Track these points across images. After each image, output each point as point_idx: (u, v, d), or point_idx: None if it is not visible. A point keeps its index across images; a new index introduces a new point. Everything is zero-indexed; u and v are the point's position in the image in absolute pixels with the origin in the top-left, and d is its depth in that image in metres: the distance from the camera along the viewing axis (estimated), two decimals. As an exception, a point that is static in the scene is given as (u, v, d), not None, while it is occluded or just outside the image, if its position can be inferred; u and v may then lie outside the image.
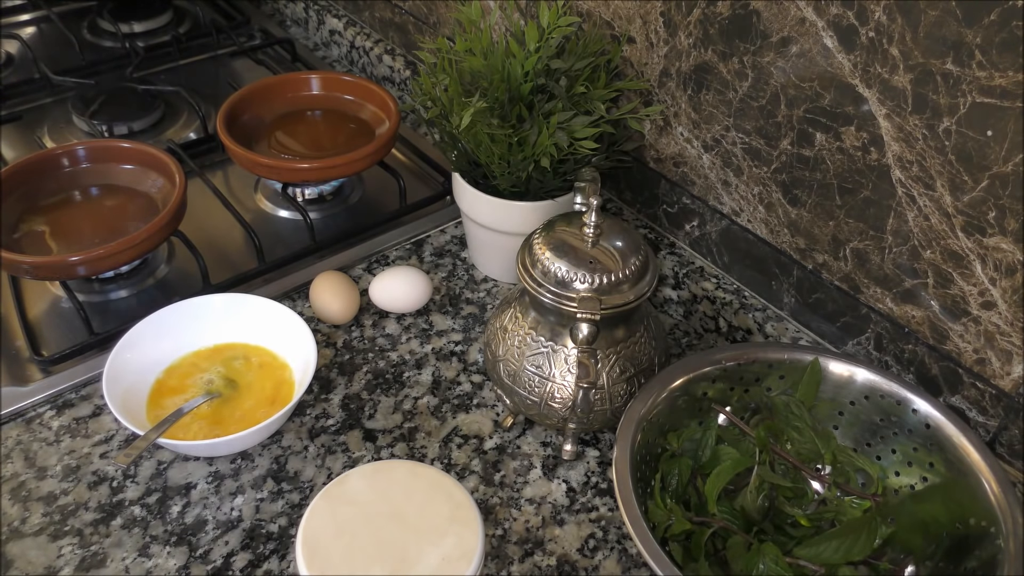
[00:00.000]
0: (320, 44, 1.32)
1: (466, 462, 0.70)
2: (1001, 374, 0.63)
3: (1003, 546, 0.52)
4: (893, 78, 0.61)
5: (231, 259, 0.88)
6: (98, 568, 0.62)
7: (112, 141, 0.91)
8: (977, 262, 0.61)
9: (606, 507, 0.67)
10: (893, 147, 0.63)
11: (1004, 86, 0.55)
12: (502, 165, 0.76)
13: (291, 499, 0.67)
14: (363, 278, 0.87)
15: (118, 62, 1.18)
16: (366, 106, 1.00)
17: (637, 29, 0.80)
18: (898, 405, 0.61)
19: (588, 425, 0.68)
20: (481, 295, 0.86)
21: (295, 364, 0.72)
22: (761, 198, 0.76)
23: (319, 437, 0.71)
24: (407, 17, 1.13)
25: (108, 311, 0.83)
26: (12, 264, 0.76)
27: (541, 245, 0.65)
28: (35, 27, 1.31)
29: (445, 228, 0.94)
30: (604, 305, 0.62)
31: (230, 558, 0.63)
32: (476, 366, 0.78)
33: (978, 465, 0.56)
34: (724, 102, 0.75)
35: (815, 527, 0.61)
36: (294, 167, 0.89)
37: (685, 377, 0.62)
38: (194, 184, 0.92)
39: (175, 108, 1.12)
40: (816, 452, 0.62)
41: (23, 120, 1.09)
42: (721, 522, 0.60)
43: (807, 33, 0.65)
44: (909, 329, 0.68)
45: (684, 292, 0.84)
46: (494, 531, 0.65)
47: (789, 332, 0.78)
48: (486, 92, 0.74)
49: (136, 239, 0.77)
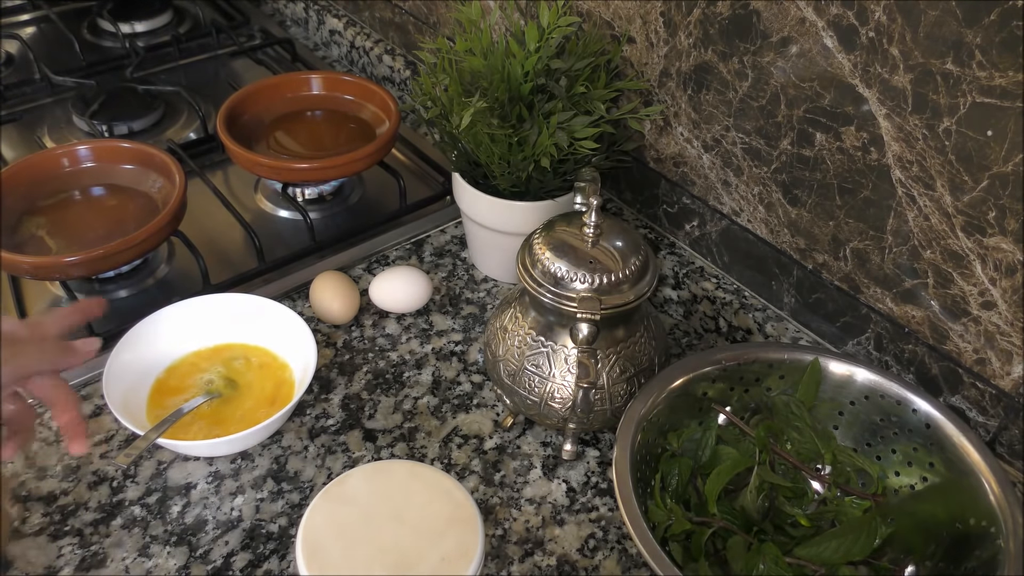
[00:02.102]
0: (320, 44, 1.32)
1: (466, 462, 0.70)
2: (1001, 374, 0.63)
3: (1003, 546, 0.52)
4: (893, 78, 0.61)
5: (231, 259, 0.88)
6: (98, 568, 0.62)
7: (112, 141, 0.91)
8: (977, 262, 0.61)
9: (606, 507, 0.67)
10: (893, 147, 0.63)
11: (1004, 86, 0.55)
12: (502, 165, 0.76)
13: (291, 499, 0.67)
14: (363, 278, 0.87)
15: (118, 62, 1.18)
16: (366, 106, 1.00)
17: (637, 29, 0.80)
18: (898, 405, 0.61)
19: (588, 425, 0.68)
20: (481, 295, 0.86)
21: (295, 364, 0.72)
22: (761, 198, 0.76)
23: (319, 437, 0.71)
24: (407, 17, 1.13)
25: (108, 311, 0.82)
26: (12, 264, 0.76)
27: (541, 245, 0.65)
28: (35, 27, 1.31)
29: (445, 228, 0.94)
30: (604, 305, 0.62)
31: (230, 558, 0.63)
32: (476, 366, 0.78)
33: (978, 465, 0.56)
34: (724, 102, 0.75)
35: (815, 527, 0.61)
36: (294, 167, 0.89)
37: (685, 377, 0.62)
38: (194, 184, 0.92)
39: (175, 108, 1.12)
40: (816, 452, 0.62)
41: (23, 120, 1.09)
42: (721, 522, 0.60)
43: (807, 33, 0.65)
44: (909, 329, 0.68)
45: (684, 292, 0.84)
46: (494, 531, 0.65)
47: (789, 332, 0.78)
48: (486, 92, 0.74)
49: (136, 239, 0.77)
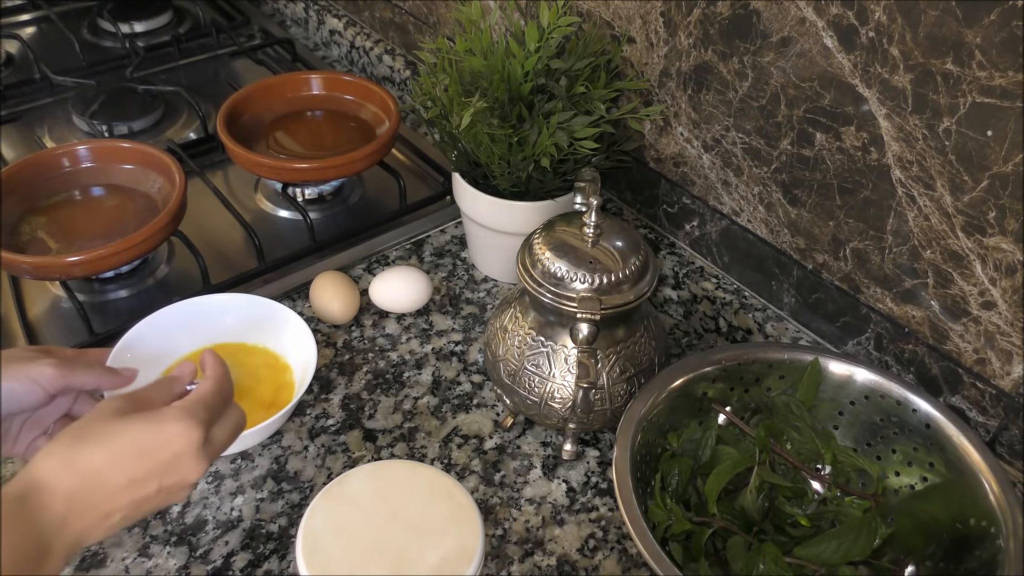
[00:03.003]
0: (320, 44, 1.32)
1: (466, 462, 0.70)
2: (1001, 374, 0.63)
3: (1003, 546, 0.52)
4: (893, 78, 0.61)
5: (231, 259, 0.88)
6: (98, 568, 0.62)
7: (112, 141, 0.91)
8: (977, 262, 0.61)
9: (606, 507, 0.67)
10: (893, 147, 0.63)
11: (1004, 86, 0.55)
12: (502, 165, 0.76)
13: (291, 499, 0.67)
14: (363, 278, 0.87)
15: (118, 62, 1.18)
16: (366, 106, 1.00)
17: (637, 29, 0.80)
18: (898, 405, 0.61)
19: (588, 425, 0.68)
20: (481, 295, 0.86)
21: (295, 364, 0.72)
22: (761, 198, 0.76)
23: (319, 437, 0.71)
24: (407, 17, 1.13)
25: (108, 311, 0.83)
26: (12, 264, 0.76)
27: (541, 245, 0.65)
28: (35, 27, 1.31)
29: (445, 228, 0.94)
30: (604, 305, 0.62)
31: (230, 558, 0.63)
32: (476, 366, 0.78)
33: (978, 465, 0.56)
34: (724, 102, 0.75)
35: (815, 527, 0.61)
36: (294, 167, 0.89)
37: (685, 377, 0.62)
38: (194, 184, 0.92)
39: (175, 108, 1.12)
40: (816, 452, 0.62)
41: (23, 120, 1.09)
42: (721, 522, 0.60)
43: (807, 33, 0.65)
44: (909, 329, 0.68)
45: (684, 292, 0.84)
46: (494, 531, 0.65)
47: (789, 332, 0.78)
48: (486, 92, 0.74)
49: (136, 239, 0.77)
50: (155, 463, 0.48)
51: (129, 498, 0.48)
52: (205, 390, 0.53)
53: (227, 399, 0.54)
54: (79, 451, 0.46)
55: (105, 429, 0.48)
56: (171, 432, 0.49)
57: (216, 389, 0.53)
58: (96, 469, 0.47)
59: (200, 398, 0.52)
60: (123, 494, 0.47)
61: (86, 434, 0.47)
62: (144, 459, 0.48)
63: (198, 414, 0.50)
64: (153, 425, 0.49)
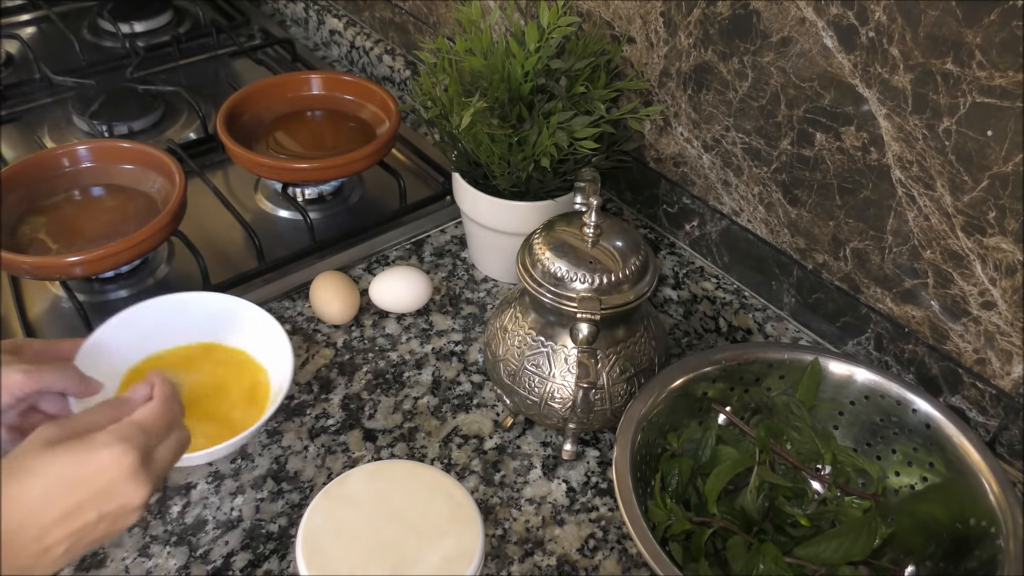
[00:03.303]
0: (320, 44, 1.32)
1: (466, 462, 0.70)
2: (1001, 374, 0.63)
3: (1003, 546, 0.52)
4: (893, 78, 0.61)
5: (231, 259, 0.88)
6: (98, 568, 0.62)
7: (112, 141, 0.91)
8: (977, 262, 0.61)
9: (606, 507, 0.67)
10: (893, 147, 0.63)
11: (1004, 86, 0.55)
12: (502, 165, 0.76)
13: (291, 499, 0.67)
14: (363, 278, 0.87)
15: (118, 62, 1.18)
16: (366, 106, 1.00)
17: (637, 29, 0.80)
18: (898, 405, 0.61)
19: (588, 425, 0.68)
20: (481, 295, 0.86)
21: (268, 363, 0.70)
22: (761, 198, 0.76)
23: (319, 437, 0.71)
24: (407, 17, 1.13)
25: (108, 311, 0.82)
26: (12, 264, 0.76)
27: (541, 245, 0.65)
28: (35, 27, 1.31)
29: (445, 228, 0.94)
30: (604, 305, 0.62)
31: (230, 558, 0.63)
32: (476, 366, 0.78)
33: (978, 465, 0.56)
34: (724, 102, 0.75)
35: (815, 527, 0.61)
36: (294, 167, 0.89)
37: (685, 377, 0.62)
38: (194, 184, 0.92)
39: (175, 108, 1.12)
40: (816, 452, 0.62)
41: (23, 120, 1.09)
42: (721, 522, 0.60)
43: (807, 33, 0.65)
44: (909, 329, 0.68)
45: (684, 292, 0.84)
46: (494, 531, 0.65)
47: (789, 332, 0.78)
48: (486, 92, 0.74)
49: (136, 239, 0.77)
50: (88, 492, 0.47)
51: (65, 531, 0.46)
52: (145, 412, 0.51)
53: (172, 420, 0.53)
54: (8, 489, 0.45)
55: (33, 464, 0.46)
56: (102, 459, 0.47)
57: (159, 409, 0.52)
58: (24, 505, 0.45)
59: (136, 420, 0.50)
60: (58, 527, 0.46)
61: (13, 470, 0.46)
62: (75, 490, 0.46)
63: (132, 437, 0.49)
64: (82, 454, 0.47)
